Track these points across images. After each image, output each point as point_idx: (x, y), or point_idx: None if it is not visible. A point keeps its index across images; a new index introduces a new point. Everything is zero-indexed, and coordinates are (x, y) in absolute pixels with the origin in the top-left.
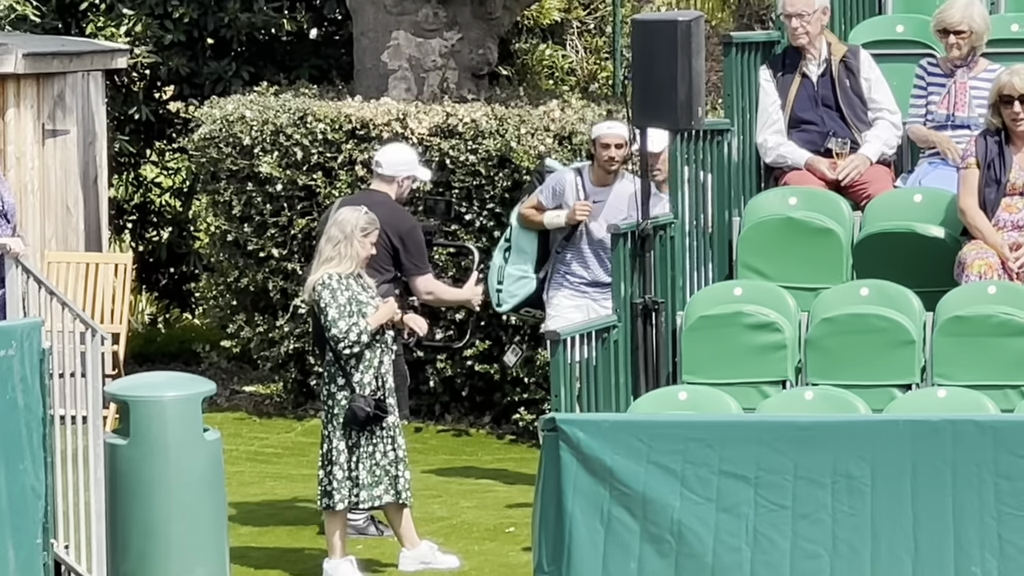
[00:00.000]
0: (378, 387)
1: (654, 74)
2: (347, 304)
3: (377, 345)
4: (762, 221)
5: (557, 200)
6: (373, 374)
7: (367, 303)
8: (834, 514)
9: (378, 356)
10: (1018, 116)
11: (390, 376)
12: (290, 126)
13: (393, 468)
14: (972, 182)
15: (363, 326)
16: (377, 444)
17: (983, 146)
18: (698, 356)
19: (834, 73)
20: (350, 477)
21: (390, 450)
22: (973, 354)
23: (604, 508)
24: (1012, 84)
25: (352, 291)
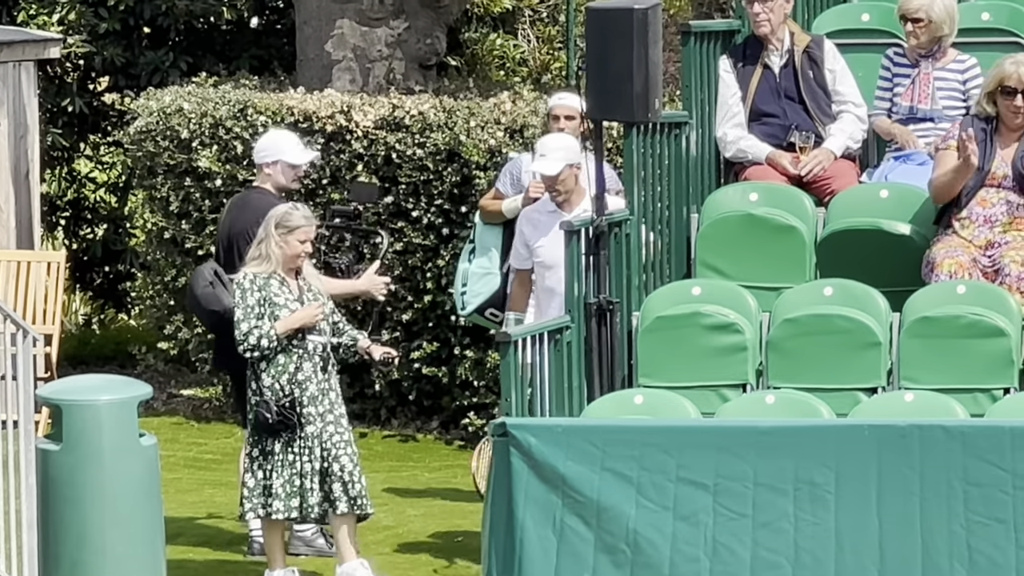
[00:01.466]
0: (288, 394)
1: (609, 65)
2: (256, 306)
3: (294, 350)
4: (722, 218)
5: (516, 187)
6: (287, 379)
7: (283, 306)
8: (796, 523)
9: (294, 362)
10: (1019, 109)
11: (311, 384)
12: (230, 119)
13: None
14: (948, 163)
15: (266, 329)
16: (300, 454)
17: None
18: (655, 358)
19: (797, 64)
20: (263, 486)
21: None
22: (941, 356)
23: (557, 516)
24: (1019, 76)
25: (266, 292)
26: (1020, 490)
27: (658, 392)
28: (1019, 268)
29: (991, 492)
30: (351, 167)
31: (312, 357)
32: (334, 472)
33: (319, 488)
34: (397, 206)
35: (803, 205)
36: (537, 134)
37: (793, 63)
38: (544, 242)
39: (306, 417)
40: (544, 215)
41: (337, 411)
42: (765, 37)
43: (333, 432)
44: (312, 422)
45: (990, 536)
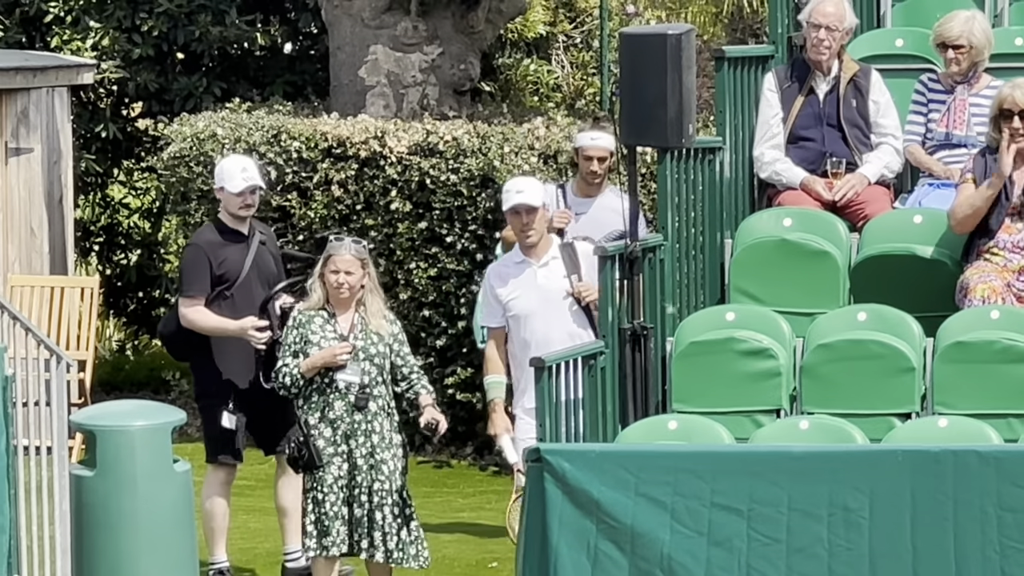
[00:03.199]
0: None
1: (643, 90)
2: (292, 344)
3: (327, 389)
4: (755, 243)
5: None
6: (318, 418)
7: (315, 344)
8: (830, 548)
9: (327, 400)
10: (1017, 132)
11: (342, 424)
12: (263, 144)
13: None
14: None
15: (290, 367)
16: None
17: (982, 164)
18: (689, 384)
19: (842, 92)
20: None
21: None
22: (975, 382)
23: (591, 542)
24: (1013, 98)
25: (304, 329)
26: None
27: (692, 418)
28: None
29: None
30: (385, 193)
31: (344, 396)
32: (375, 520)
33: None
34: (431, 232)
35: (837, 230)
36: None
37: (838, 91)
38: (517, 293)
39: (340, 456)
40: (511, 267)
41: (380, 456)
42: (817, 62)
43: (373, 479)
44: (346, 461)
45: None
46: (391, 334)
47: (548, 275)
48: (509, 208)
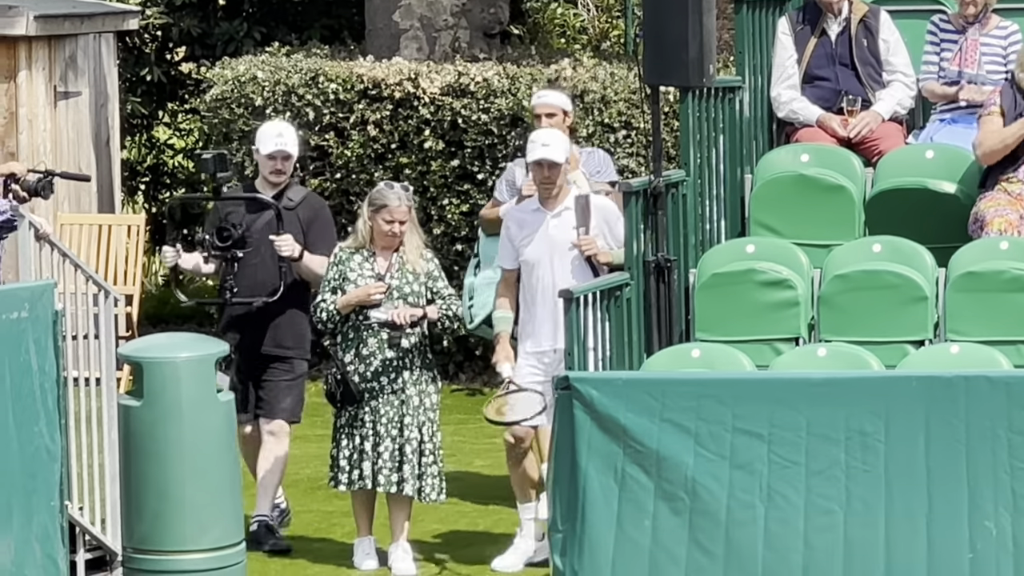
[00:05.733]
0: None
1: (666, 32)
2: (332, 280)
3: (362, 327)
4: (774, 178)
5: (513, 192)
6: (354, 354)
7: (352, 281)
8: (848, 470)
9: (361, 337)
10: None
11: (375, 360)
12: (302, 86)
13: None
14: (992, 127)
15: (328, 303)
16: (359, 427)
17: (1011, 96)
18: (711, 313)
19: (853, 32)
20: (331, 456)
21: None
22: (986, 310)
23: (618, 466)
24: None
25: (344, 267)
26: None
27: (714, 346)
28: None
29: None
30: (418, 132)
31: (377, 334)
32: (406, 454)
33: (389, 462)
34: (463, 169)
35: (852, 166)
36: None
37: (849, 31)
38: (529, 240)
39: (370, 391)
40: (528, 214)
41: (410, 392)
42: (828, 4)
43: (405, 413)
44: (376, 397)
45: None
46: (427, 272)
47: (559, 225)
48: (533, 160)
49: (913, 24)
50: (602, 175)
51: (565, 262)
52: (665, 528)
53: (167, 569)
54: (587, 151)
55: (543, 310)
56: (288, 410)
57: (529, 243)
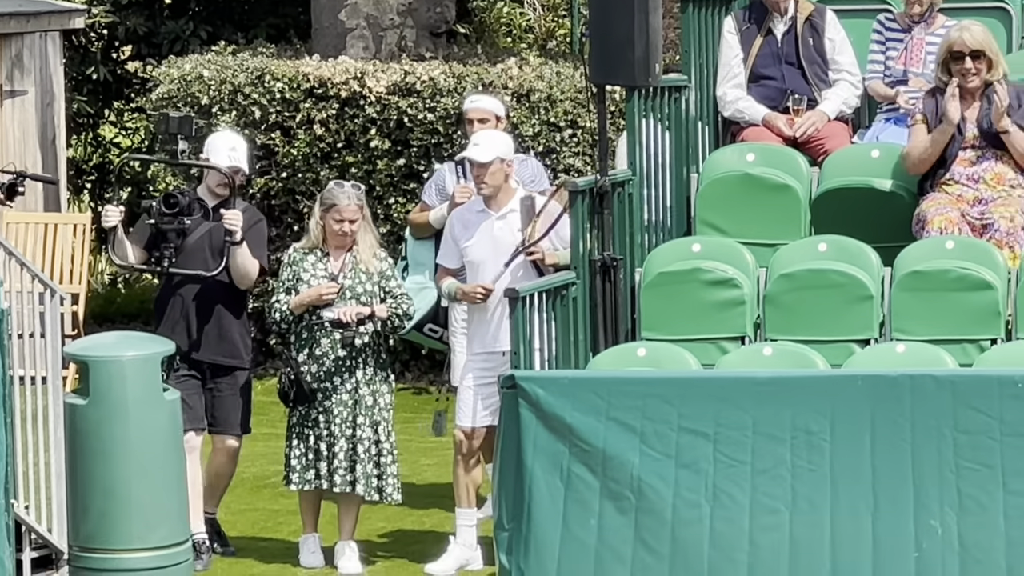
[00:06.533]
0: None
1: (611, 31)
2: (286, 280)
3: (315, 327)
4: (720, 177)
5: (443, 197)
6: (307, 354)
7: (306, 282)
8: (793, 470)
9: (314, 337)
10: (969, 72)
11: (327, 360)
12: (248, 85)
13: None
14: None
15: (282, 303)
16: (312, 427)
17: (932, 104)
18: (657, 312)
19: (799, 31)
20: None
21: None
22: (931, 309)
23: (564, 465)
24: (963, 40)
25: (297, 267)
26: (1007, 436)
27: (660, 345)
28: (1008, 224)
29: (980, 439)
30: (365, 131)
31: (330, 334)
32: (359, 454)
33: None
34: (409, 168)
35: (798, 165)
36: (542, 98)
37: (795, 30)
38: (473, 241)
39: (323, 391)
40: (473, 215)
41: (363, 392)
42: (774, 3)
43: (358, 413)
44: (329, 397)
45: (979, 481)
46: (380, 272)
47: (504, 227)
48: (463, 157)
49: (859, 23)
50: (535, 184)
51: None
52: (611, 527)
53: (113, 567)
54: (520, 159)
55: (488, 311)
56: (240, 424)
57: (473, 244)
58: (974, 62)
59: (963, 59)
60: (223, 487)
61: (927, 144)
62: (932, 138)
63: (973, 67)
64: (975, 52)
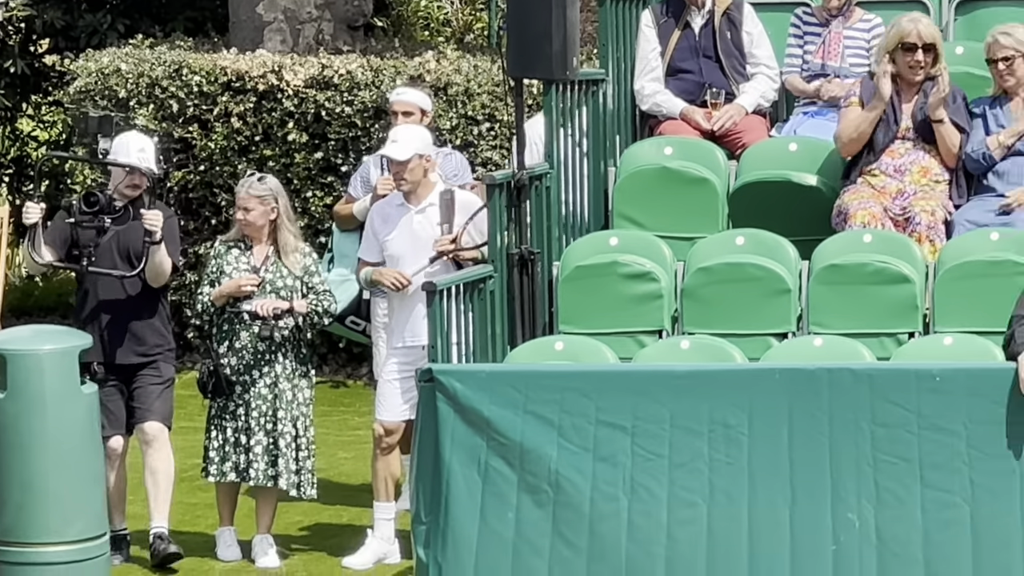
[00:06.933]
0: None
1: (529, 25)
2: (210, 273)
3: (235, 319)
4: (637, 171)
5: (367, 190)
6: (227, 346)
7: (228, 274)
8: (711, 463)
9: (235, 329)
10: (918, 64)
11: (247, 353)
12: (165, 79)
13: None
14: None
15: (205, 295)
16: (230, 420)
17: (870, 87)
18: (574, 306)
19: (716, 25)
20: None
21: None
22: (849, 302)
23: (481, 458)
24: (918, 32)
25: (220, 260)
26: (925, 430)
27: (578, 338)
28: (929, 218)
29: (897, 432)
30: (282, 124)
31: (249, 327)
32: (280, 448)
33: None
34: (327, 161)
35: (716, 158)
36: (460, 92)
37: (713, 24)
38: (393, 235)
39: (242, 384)
40: (392, 208)
41: (282, 386)
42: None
43: (278, 407)
44: (248, 390)
45: (896, 474)
46: (303, 267)
47: (423, 221)
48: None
49: (777, 17)
50: (458, 178)
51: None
52: (528, 520)
53: (31, 561)
54: (445, 153)
55: (407, 305)
56: (160, 413)
57: (392, 239)
58: (925, 55)
59: (915, 51)
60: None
61: (859, 122)
62: (863, 115)
63: (923, 60)
64: (927, 45)
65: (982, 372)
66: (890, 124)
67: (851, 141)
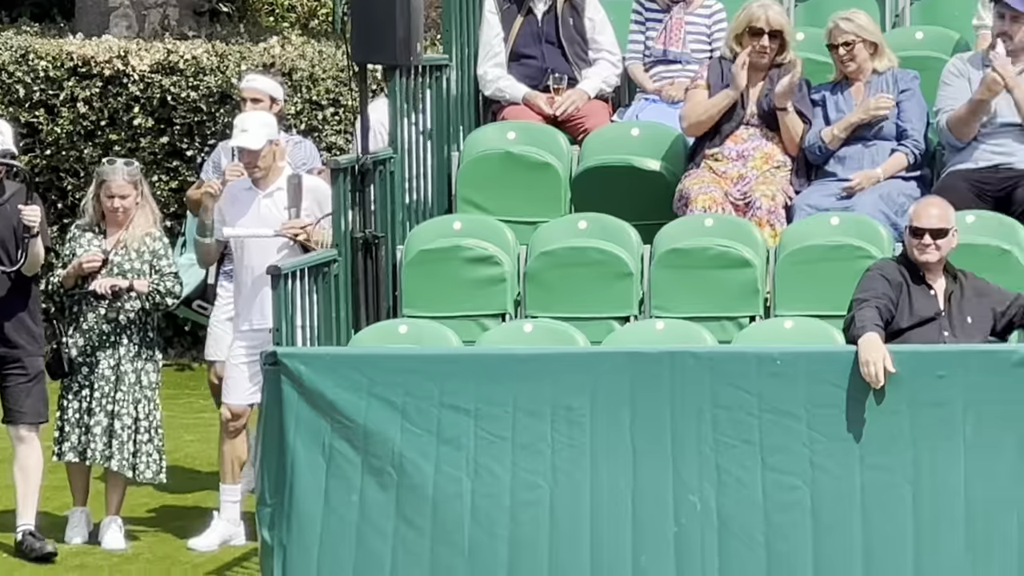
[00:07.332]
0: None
1: (373, 11)
2: (65, 256)
3: (83, 301)
4: (481, 156)
5: (219, 174)
6: (74, 328)
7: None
8: (553, 445)
9: (82, 311)
10: (765, 50)
11: (93, 335)
12: (12, 64)
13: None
14: (699, 99)
15: (55, 276)
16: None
17: (718, 71)
18: (418, 290)
19: (559, 11)
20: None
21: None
22: (691, 286)
23: (326, 441)
24: (766, 18)
25: (76, 243)
26: (766, 412)
27: (422, 322)
28: (769, 202)
29: (738, 415)
30: (128, 109)
31: (95, 308)
32: (115, 430)
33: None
34: (172, 146)
35: (558, 143)
36: (304, 77)
37: (555, 10)
38: (239, 217)
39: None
40: (241, 192)
41: (125, 368)
42: None
43: (118, 389)
44: (92, 371)
45: (737, 457)
46: (152, 250)
47: (270, 204)
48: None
49: (619, 4)
50: (307, 166)
51: (276, 243)
52: (372, 503)
53: None
54: (295, 140)
55: (253, 289)
56: (30, 412)
57: (239, 221)
58: (771, 41)
59: (761, 36)
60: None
61: (708, 106)
62: (714, 101)
63: (769, 46)
64: (773, 32)
65: (822, 355)
66: (736, 109)
67: (699, 123)
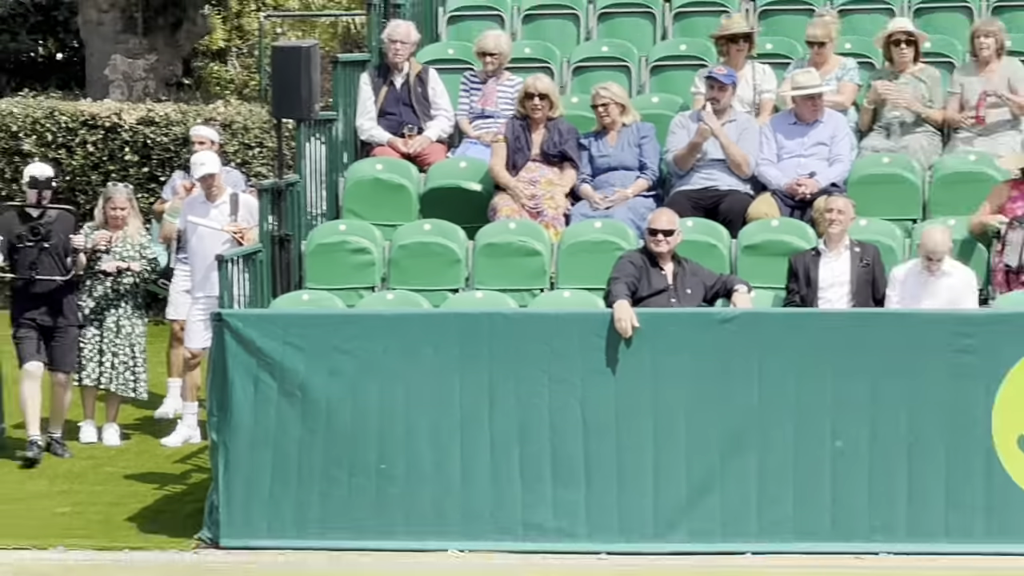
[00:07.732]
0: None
1: (286, 82)
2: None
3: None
4: (359, 180)
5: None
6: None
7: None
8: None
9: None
10: (536, 107)
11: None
12: (43, 118)
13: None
14: (500, 152)
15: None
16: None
17: (511, 127)
18: (317, 271)
19: (411, 83)
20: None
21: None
22: (501, 268)
23: (254, 374)
24: (534, 85)
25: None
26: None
27: (319, 293)
28: (554, 211)
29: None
30: (122, 149)
31: (104, 282)
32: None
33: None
34: (151, 175)
35: (411, 172)
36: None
37: (409, 82)
38: (200, 221)
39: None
40: (198, 205)
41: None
42: (394, 65)
43: (117, 336)
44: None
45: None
46: (141, 244)
47: (218, 214)
48: (199, 177)
49: (452, 77)
50: (236, 187)
51: (220, 239)
52: (285, 415)
53: None
54: (227, 170)
55: (206, 269)
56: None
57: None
58: (540, 101)
59: (533, 98)
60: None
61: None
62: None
63: (539, 104)
64: (542, 94)
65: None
66: (524, 151)
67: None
